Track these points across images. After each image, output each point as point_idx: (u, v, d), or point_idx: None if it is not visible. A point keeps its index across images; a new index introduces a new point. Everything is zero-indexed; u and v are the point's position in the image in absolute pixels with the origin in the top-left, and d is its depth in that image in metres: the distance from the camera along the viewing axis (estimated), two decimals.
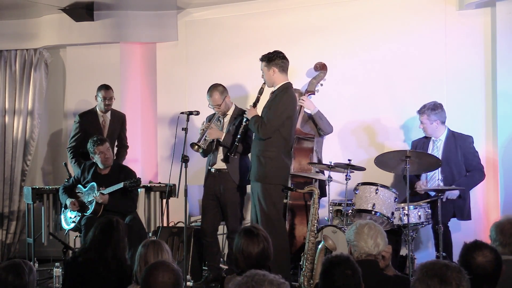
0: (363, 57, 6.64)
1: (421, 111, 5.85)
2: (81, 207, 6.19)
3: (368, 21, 6.64)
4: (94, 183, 6.14)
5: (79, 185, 6.31)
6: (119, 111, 7.00)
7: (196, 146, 5.78)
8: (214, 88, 5.99)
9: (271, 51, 5.56)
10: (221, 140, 5.89)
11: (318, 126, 6.28)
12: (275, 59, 5.52)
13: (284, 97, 5.48)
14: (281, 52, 5.56)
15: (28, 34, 7.78)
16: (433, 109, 5.79)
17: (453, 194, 5.69)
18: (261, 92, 5.67)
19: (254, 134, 5.66)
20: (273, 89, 5.60)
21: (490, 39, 6.14)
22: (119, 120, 6.93)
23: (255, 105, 5.63)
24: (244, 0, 7.11)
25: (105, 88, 6.75)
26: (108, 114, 6.85)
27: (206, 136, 5.87)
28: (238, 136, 5.71)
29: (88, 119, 6.81)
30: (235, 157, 5.78)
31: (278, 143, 5.45)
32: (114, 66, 7.55)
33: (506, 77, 6.01)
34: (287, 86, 5.55)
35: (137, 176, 6.18)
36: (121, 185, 5.98)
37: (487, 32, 6.17)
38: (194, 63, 7.43)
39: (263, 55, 5.58)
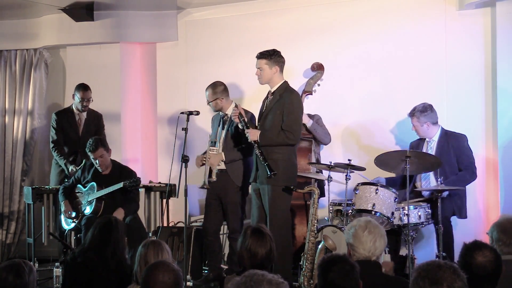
0: (363, 57, 6.63)
1: (411, 114, 5.84)
2: (76, 211, 6.23)
3: (367, 21, 6.63)
4: (94, 183, 6.15)
5: (79, 185, 6.31)
6: (96, 111, 7.05)
7: (208, 183, 5.75)
8: (211, 85, 5.99)
9: (269, 49, 5.50)
10: (224, 160, 5.85)
11: (315, 137, 6.28)
12: (277, 58, 5.46)
13: (293, 97, 5.43)
14: (279, 51, 5.53)
15: (28, 34, 7.78)
16: (422, 111, 5.77)
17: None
18: (242, 116, 5.50)
19: None
20: (272, 89, 5.51)
21: (490, 39, 6.13)
22: (95, 119, 7.01)
23: (248, 127, 5.47)
24: (244, 0, 7.10)
25: (84, 89, 6.82)
26: (85, 113, 6.94)
27: (211, 168, 5.81)
28: (262, 160, 5.34)
29: (64, 117, 6.92)
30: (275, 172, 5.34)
31: None
32: (114, 66, 7.54)
33: (506, 77, 6.00)
34: (287, 85, 5.51)
35: (137, 176, 6.19)
36: (120, 185, 5.98)
37: (487, 32, 6.16)
38: (194, 63, 7.42)
39: (263, 53, 5.49)
